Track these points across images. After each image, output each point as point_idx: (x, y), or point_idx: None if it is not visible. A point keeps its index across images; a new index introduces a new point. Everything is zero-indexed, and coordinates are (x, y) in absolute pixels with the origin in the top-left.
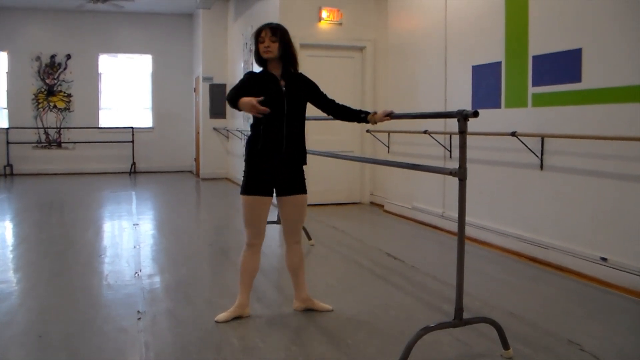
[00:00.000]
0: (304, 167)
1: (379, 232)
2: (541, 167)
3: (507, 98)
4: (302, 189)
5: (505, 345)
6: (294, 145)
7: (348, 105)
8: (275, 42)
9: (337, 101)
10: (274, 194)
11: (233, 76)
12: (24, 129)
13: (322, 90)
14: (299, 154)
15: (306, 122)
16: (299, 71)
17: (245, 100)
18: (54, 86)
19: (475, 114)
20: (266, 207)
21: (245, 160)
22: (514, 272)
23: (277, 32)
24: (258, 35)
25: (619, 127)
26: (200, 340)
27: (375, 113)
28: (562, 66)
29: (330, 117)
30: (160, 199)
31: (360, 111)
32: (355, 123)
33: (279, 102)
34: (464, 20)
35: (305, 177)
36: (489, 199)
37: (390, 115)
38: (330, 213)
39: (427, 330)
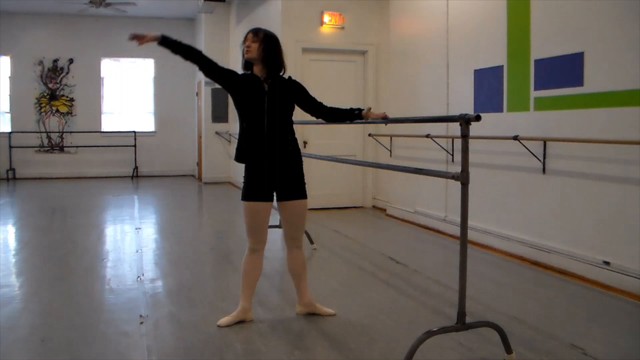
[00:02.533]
0: (305, 171)
1: (381, 236)
2: (543, 170)
3: (509, 102)
4: (301, 194)
5: (508, 350)
6: (277, 144)
7: (338, 107)
8: (256, 42)
9: (325, 104)
10: (275, 199)
11: None
12: (26, 133)
13: (311, 94)
14: (288, 154)
15: (309, 126)
16: (288, 76)
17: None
18: (56, 90)
19: (478, 118)
20: (267, 212)
21: (243, 163)
22: (517, 275)
23: (260, 34)
24: (244, 39)
25: (621, 131)
26: (202, 345)
27: (369, 109)
28: (564, 70)
29: (321, 120)
30: (162, 203)
31: (351, 109)
32: (358, 126)
33: (259, 100)
34: (465, 24)
35: (307, 181)
36: (491, 202)
37: (386, 119)
38: (332, 217)
39: (429, 334)
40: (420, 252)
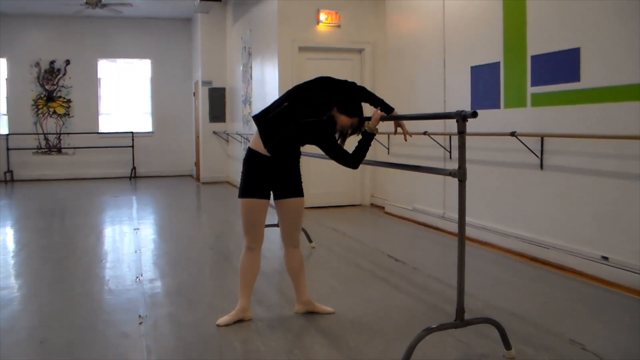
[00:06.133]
0: (304, 170)
1: (379, 233)
2: (541, 166)
3: (506, 98)
4: (297, 192)
5: (507, 346)
6: (284, 145)
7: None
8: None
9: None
10: (272, 198)
11: (232, 80)
12: (24, 135)
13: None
14: (289, 158)
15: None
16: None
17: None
18: (53, 92)
19: (474, 115)
20: (263, 209)
21: (243, 163)
22: (515, 272)
23: None
24: (354, 129)
25: (619, 126)
26: (201, 344)
27: (368, 122)
28: (561, 65)
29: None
30: (160, 203)
31: (359, 140)
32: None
33: (316, 112)
34: (462, 21)
35: (306, 179)
36: (489, 199)
37: (381, 118)
38: (330, 215)
39: (429, 331)
40: (419, 250)
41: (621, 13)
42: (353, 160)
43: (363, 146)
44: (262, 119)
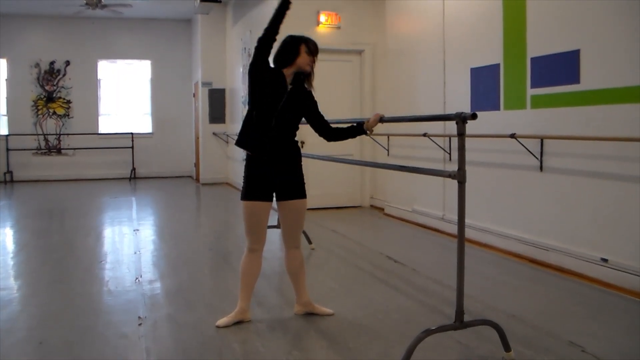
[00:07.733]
0: (303, 171)
1: (379, 235)
2: (541, 168)
3: (506, 100)
4: (301, 194)
5: (507, 348)
6: (281, 143)
7: (340, 128)
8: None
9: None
10: (274, 199)
11: (232, 81)
12: (23, 136)
13: (320, 111)
14: (289, 156)
15: (306, 126)
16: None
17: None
18: (53, 93)
19: (474, 117)
20: (266, 212)
21: (243, 149)
22: (515, 274)
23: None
24: (312, 51)
25: (618, 128)
26: (201, 345)
27: (368, 120)
28: (561, 67)
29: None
30: (160, 204)
31: (352, 125)
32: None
33: (279, 96)
34: (461, 22)
35: (306, 180)
36: (488, 201)
37: (382, 119)
38: (330, 217)
39: (428, 333)
40: (418, 251)
41: (621, 15)
42: (330, 136)
43: (347, 133)
44: (245, 137)
